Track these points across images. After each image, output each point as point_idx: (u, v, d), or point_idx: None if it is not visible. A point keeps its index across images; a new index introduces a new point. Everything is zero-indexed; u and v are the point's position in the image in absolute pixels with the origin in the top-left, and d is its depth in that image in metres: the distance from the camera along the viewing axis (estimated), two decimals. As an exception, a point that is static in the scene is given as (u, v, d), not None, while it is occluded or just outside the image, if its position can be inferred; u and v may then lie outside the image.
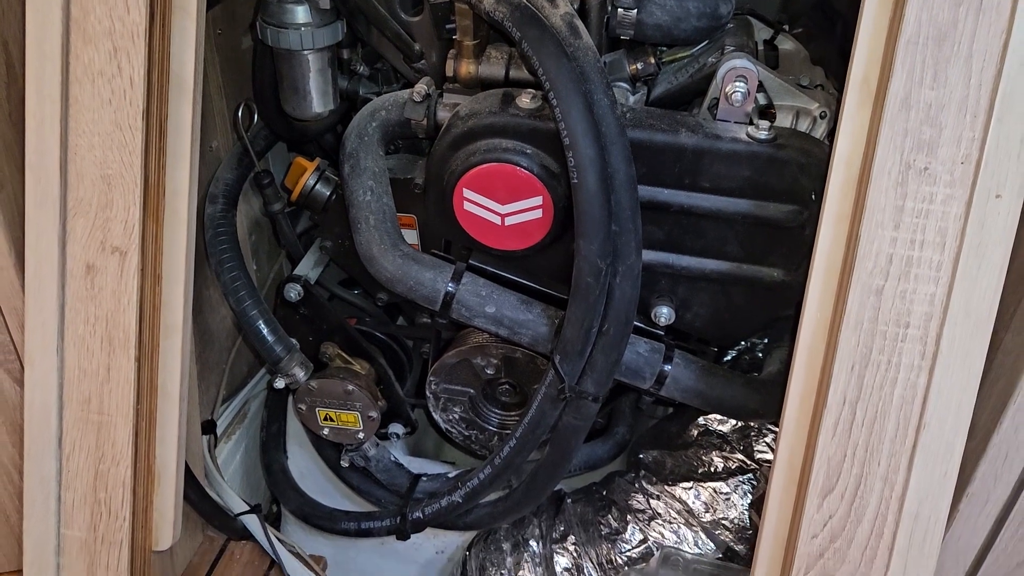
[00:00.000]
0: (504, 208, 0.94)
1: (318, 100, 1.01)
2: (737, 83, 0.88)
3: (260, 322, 1.10)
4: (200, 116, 0.87)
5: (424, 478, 1.23)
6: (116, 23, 0.79)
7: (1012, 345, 0.80)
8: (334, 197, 1.11)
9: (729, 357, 1.19)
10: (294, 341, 1.14)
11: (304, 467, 1.35)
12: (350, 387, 1.12)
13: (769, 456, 1.03)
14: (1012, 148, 0.69)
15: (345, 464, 1.22)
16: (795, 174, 0.88)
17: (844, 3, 1.48)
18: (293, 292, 1.14)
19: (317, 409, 1.15)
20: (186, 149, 0.86)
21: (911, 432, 0.75)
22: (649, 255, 0.94)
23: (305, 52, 0.97)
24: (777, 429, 1.01)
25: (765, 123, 0.88)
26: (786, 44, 1.04)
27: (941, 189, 0.70)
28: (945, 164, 0.70)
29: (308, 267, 1.18)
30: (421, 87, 0.99)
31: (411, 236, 1.10)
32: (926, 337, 0.73)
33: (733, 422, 1.06)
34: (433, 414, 1.18)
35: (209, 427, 1.26)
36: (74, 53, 0.80)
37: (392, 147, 1.13)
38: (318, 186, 1.11)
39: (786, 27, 1.05)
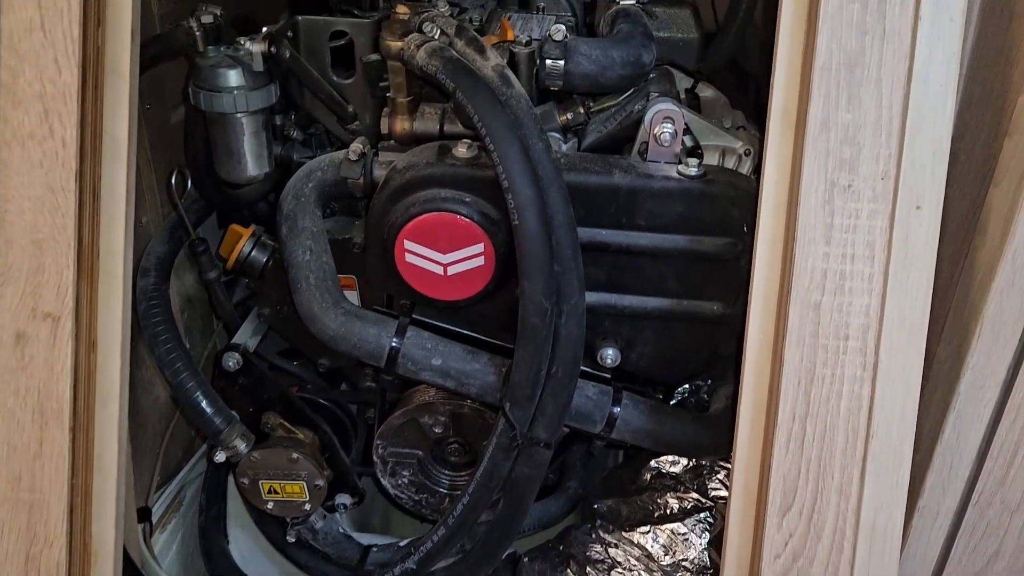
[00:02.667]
0: (446, 258, 0.95)
1: (253, 163, 1.01)
2: (664, 124, 0.92)
3: (198, 393, 1.06)
4: (135, 177, 0.86)
5: (375, 548, 1.19)
6: (47, 85, 0.78)
7: (945, 355, 0.83)
8: (271, 263, 1.10)
9: (675, 401, 1.20)
10: (234, 413, 1.10)
11: (246, 550, 1.29)
12: (294, 455, 1.09)
13: (723, 493, 1.03)
14: (926, 162, 0.73)
15: (291, 539, 1.17)
16: (726, 207, 0.91)
17: (754, 65, 1.57)
18: (232, 361, 1.11)
19: (260, 482, 1.11)
20: (121, 209, 0.85)
21: (860, 443, 0.76)
22: (592, 296, 0.96)
23: (239, 115, 0.97)
24: (729, 465, 1.02)
25: (694, 160, 0.92)
26: (706, 92, 1.09)
27: (865, 204, 0.74)
28: (867, 181, 0.74)
29: (246, 336, 1.16)
30: (357, 146, 1.00)
31: (352, 297, 1.09)
32: (865, 348, 0.76)
33: (685, 462, 1.06)
34: (381, 480, 1.15)
35: (144, 514, 1.20)
36: (2, 117, 0.79)
37: (328, 210, 1.13)
38: (254, 252, 1.10)
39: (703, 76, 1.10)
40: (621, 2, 1.08)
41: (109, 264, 0.85)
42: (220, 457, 1.10)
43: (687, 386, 1.19)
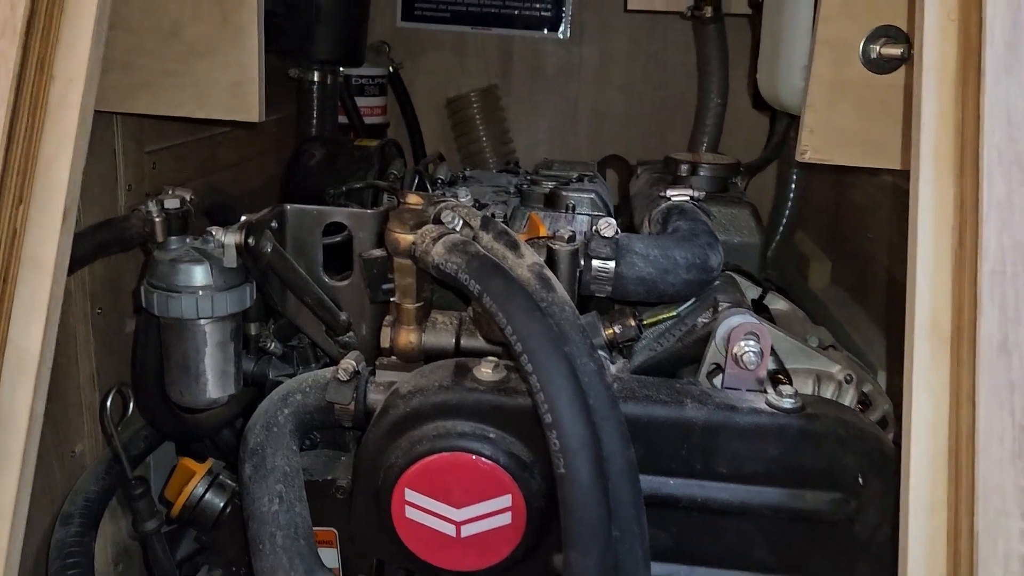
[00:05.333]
0: (460, 513, 0.71)
1: (215, 383, 0.80)
2: (747, 342, 0.72)
3: None
4: (44, 403, 0.64)
5: None
6: (-64, 277, 0.58)
7: None
8: (229, 509, 0.86)
9: None
10: None
11: None
12: None
13: None
14: None
15: None
16: (835, 451, 0.69)
17: (790, 278, 1.41)
18: (163, 644, 0.84)
19: None
20: (19, 441, 0.62)
21: None
22: (656, 569, 0.71)
23: (201, 322, 0.77)
24: None
25: (789, 389, 0.70)
26: (779, 303, 0.90)
27: (1073, 460, 0.52)
28: (1072, 425, 0.52)
29: (189, 606, 0.89)
30: (348, 363, 0.79)
31: (330, 557, 0.84)
32: (1095, 677, 0.51)
33: None
34: None
35: None
36: None
37: (308, 441, 0.90)
38: (209, 495, 0.86)
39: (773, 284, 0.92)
40: (672, 198, 0.91)
41: (-9, 521, 0.60)
42: None
43: None
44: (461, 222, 0.73)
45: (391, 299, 0.79)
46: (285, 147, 1.46)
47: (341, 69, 1.48)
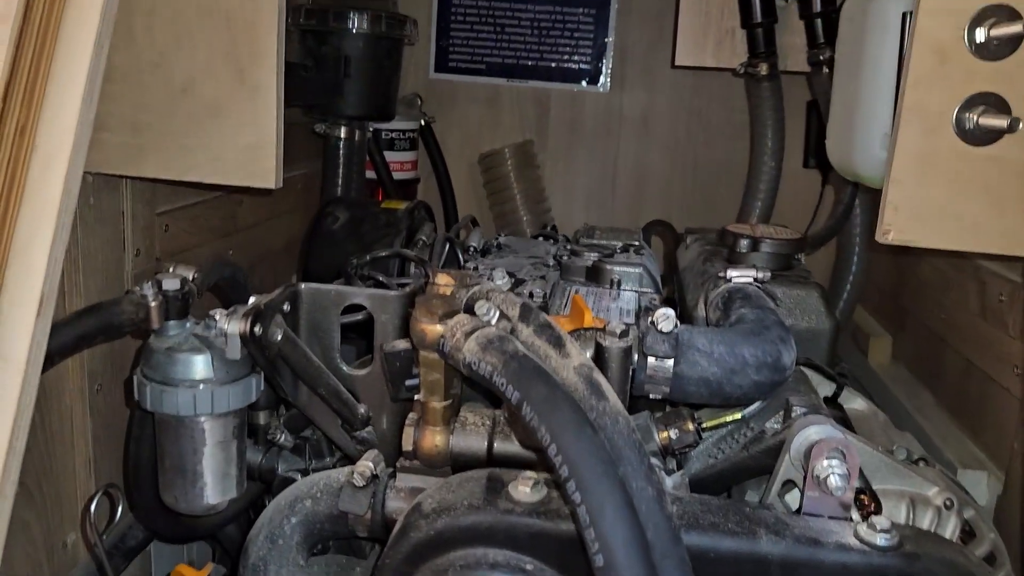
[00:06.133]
0: (491, 659, 0.60)
1: (214, 487, 0.70)
2: (830, 461, 0.61)
3: None
4: (7, 521, 0.55)
5: None
6: None
7: None
8: (228, 624, 0.76)
9: None
10: None
11: None
12: None
13: None
14: None
15: None
16: (941, 600, 0.58)
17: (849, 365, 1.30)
18: None
19: None
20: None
21: None
22: None
23: (200, 419, 0.67)
24: None
25: (883, 520, 0.59)
26: (855, 402, 0.79)
27: None
28: None
29: None
30: (365, 465, 0.69)
31: None
32: None
33: None
34: None
35: None
36: None
37: (320, 545, 0.80)
38: (206, 608, 0.76)
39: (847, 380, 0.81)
40: (733, 279, 0.81)
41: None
42: None
43: None
44: (497, 313, 0.64)
45: (415, 396, 0.69)
46: (311, 206, 1.39)
47: (370, 124, 1.41)
